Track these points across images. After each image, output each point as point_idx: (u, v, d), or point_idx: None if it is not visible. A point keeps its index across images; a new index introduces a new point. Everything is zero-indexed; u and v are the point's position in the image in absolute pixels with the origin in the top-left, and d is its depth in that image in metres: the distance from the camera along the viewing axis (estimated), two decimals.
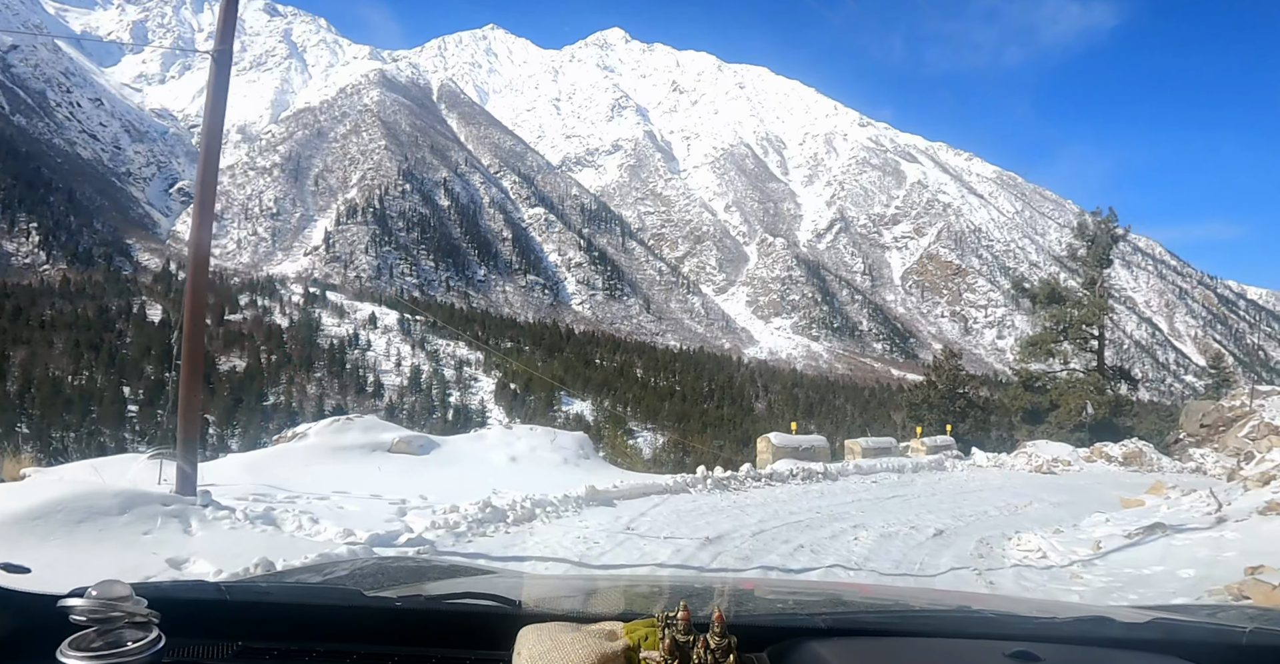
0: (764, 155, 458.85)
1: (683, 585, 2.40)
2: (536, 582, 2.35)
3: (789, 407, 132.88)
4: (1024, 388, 32.83)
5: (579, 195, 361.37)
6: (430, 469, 11.79)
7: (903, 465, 16.86)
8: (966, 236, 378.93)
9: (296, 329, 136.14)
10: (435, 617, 1.36)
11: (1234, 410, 35.12)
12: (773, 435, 17.54)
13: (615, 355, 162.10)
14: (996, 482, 15.79)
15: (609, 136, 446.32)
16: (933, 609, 1.63)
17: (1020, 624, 1.41)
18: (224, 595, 1.37)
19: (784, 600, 2.01)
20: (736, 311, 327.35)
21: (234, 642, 1.25)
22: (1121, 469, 20.02)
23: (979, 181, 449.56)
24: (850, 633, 1.31)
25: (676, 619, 1.13)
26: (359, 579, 1.94)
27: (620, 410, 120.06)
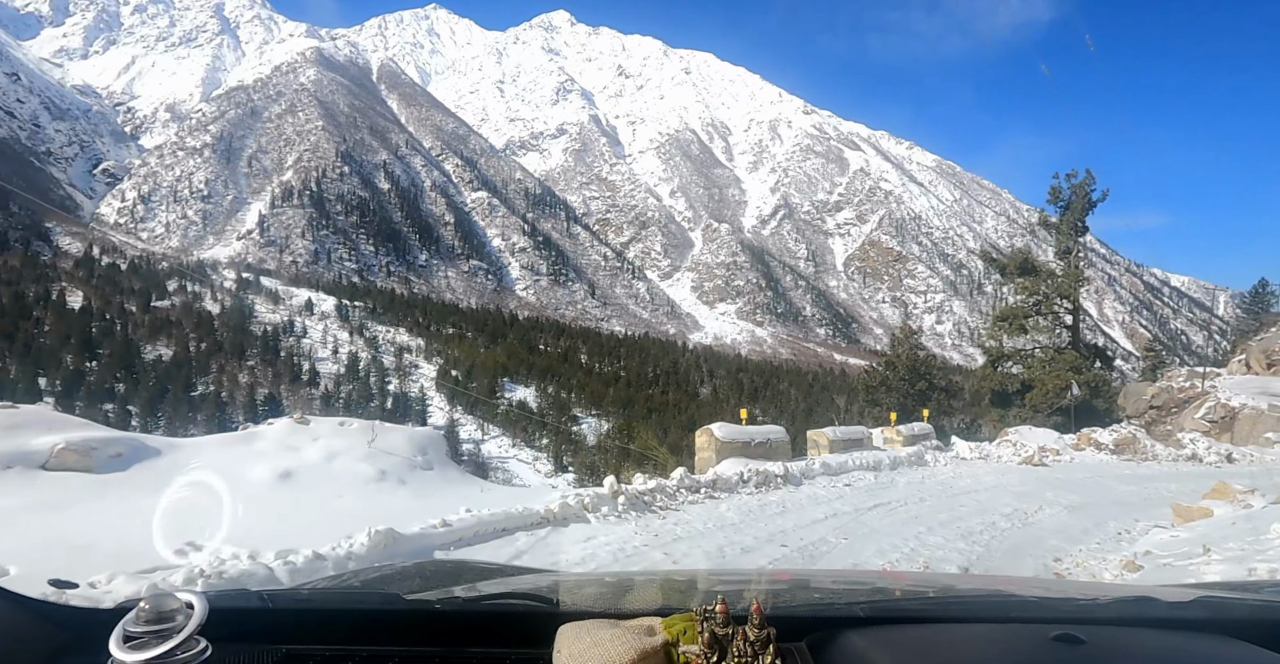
0: (709, 141, 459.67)
1: (720, 580, 2.40)
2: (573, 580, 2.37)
3: (734, 391, 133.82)
4: (993, 367, 30.60)
5: (523, 179, 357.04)
6: (108, 500, 6.85)
7: (878, 461, 14.58)
8: (907, 224, 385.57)
9: (228, 316, 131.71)
10: (474, 618, 1.37)
11: (1184, 391, 35.44)
12: (716, 428, 13.95)
13: (560, 341, 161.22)
14: (988, 478, 14.11)
15: (554, 120, 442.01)
16: (972, 594, 1.60)
17: (1061, 606, 1.39)
18: (267, 603, 1.40)
19: (822, 591, 1.99)
20: (682, 297, 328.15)
21: (278, 648, 1.28)
22: (1114, 458, 18.52)
23: (919, 170, 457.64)
24: (889, 621, 1.30)
25: (715, 612, 1.13)
26: (398, 582, 1.97)
27: (564, 396, 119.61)
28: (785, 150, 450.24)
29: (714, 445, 13.70)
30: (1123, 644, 1.21)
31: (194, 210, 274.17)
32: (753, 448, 13.70)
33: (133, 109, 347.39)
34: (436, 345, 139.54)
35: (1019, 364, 30.03)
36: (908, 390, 28.13)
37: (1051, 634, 1.14)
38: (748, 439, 13.82)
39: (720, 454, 13.43)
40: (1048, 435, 19.73)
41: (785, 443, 14.59)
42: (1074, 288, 29.04)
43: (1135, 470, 16.24)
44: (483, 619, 1.36)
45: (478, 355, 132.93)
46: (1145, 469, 16.60)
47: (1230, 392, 29.07)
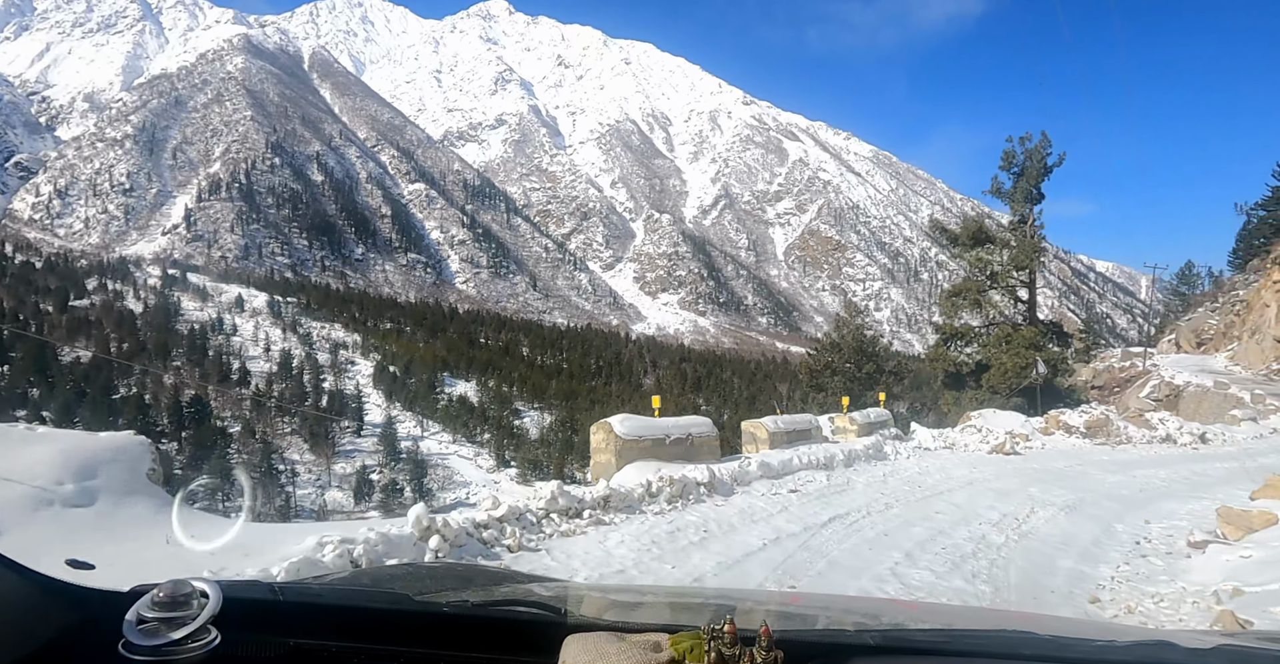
0: (650, 132, 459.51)
1: (729, 599, 2.38)
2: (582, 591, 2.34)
3: (678, 381, 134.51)
4: (945, 346, 28.50)
5: (462, 171, 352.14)
6: None
7: (830, 457, 12.20)
8: (845, 213, 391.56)
9: (152, 315, 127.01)
10: (482, 623, 1.37)
11: (1125, 371, 36.74)
12: (617, 421, 10.69)
13: (501, 334, 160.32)
14: (960, 472, 12.43)
15: (493, 110, 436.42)
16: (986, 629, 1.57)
17: (1077, 647, 1.36)
18: (278, 596, 1.41)
19: (832, 616, 1.96)
20: (624, 288, 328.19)
21: (286, 640, 1.29)
22: (1087, 442, 17.25)
23: (856, 160, 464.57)
24: (899, 651, 1.30)
25: (723, 632, 1.12)
26: (408, 583, 1.98)
27: (506, 390, 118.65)
28: (725, 141, 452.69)
29: (613, 445, 10.29)
30: None
31: (115, 205, 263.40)
32: (667, 447, 10.75)
33: (48, 99, 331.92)
34: (374, 341, 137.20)
35: (973, 343, 28.27)
36: (854, 374, 26.21)
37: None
38: (660, 435, 10.82)
39: (622, 456, 10.26)
40: (1014, 419, 18.24)
41: (712, 438, 11.81)
42: (1031, 258, 27.27)
43: (1114, 456, 15.21)
44: (490, 625, 1.36)
45: (416, 350, 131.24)
46: (1123, 454, 15.65)
47: (1173, 370, 31.20)
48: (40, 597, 1.20)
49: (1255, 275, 47.74)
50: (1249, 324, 40.89)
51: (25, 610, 1.17)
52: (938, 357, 28.55)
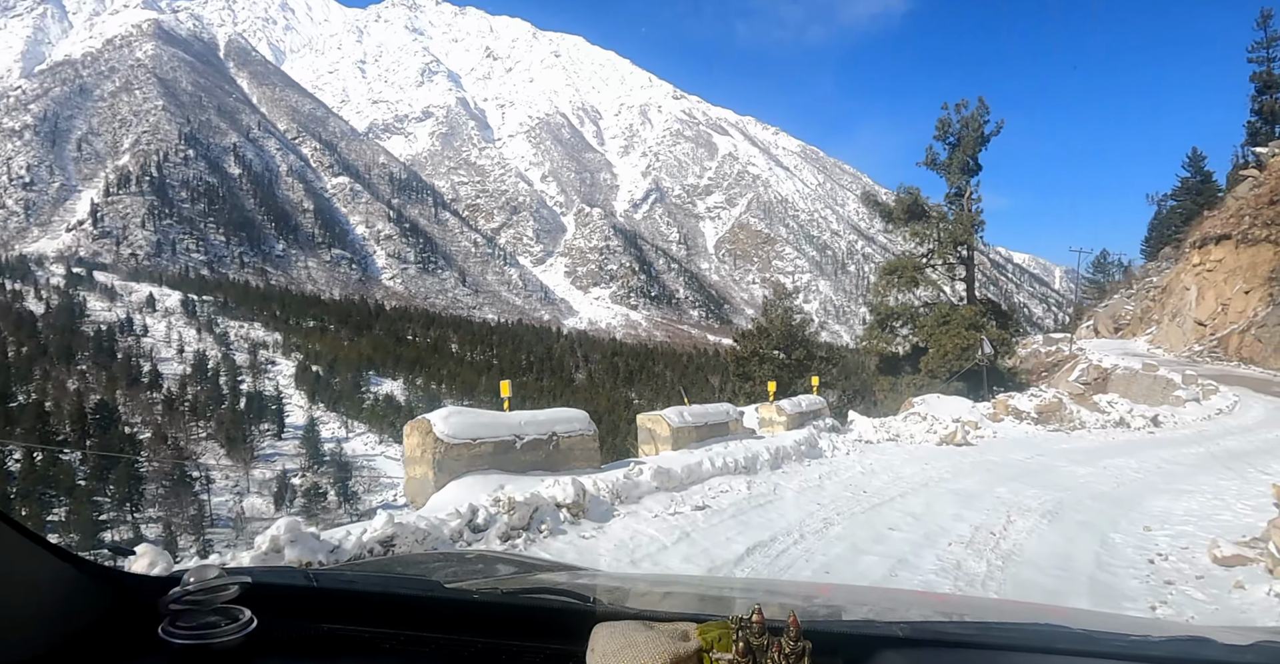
0: (580, 125, 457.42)
1: (758, 589, 2.36)
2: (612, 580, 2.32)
3: (610, 375, 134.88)
4: (881, 328, 26.86)
5: (387, 164, 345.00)
6: None
7: (753, 457, 10.06)
8: (774, 207, 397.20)
9: (55, 316, 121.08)
10: (512, 610, 1.38)
11: (1051, 355, 36.50)
12: (440, 418, 7.49)
13: (429, 331, 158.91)
14: (910, 469, 10.75)
15: (419, 102, 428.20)
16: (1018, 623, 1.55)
17: (1112, 642, 1.34)
18: (311, 582, 1.43)
19: (862, 607, 1.95)
20: (555, 282, 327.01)
21: (320, 625, 1.32)
22: (1041, 429, 16.22)
23: (785, 155, 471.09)
24: (929, 644, 1.29)
25: (751, 622, 1.12)
26: (439, 570, 2.01)
27: (435, 387, 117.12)
28: (656, 135, 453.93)
29: (432, 452, 7.12)
30: None
31: (14, 199, 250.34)
32: (519, 453, 7.79)
33: None
34: (296, 340, 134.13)
35: (910, 323, 26.71)
36: (783, 361, 24.09)
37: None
38: (507, 437, 7.75)
39: (445, 468, 7.11)
40: (961, 405, 16.62)
41: (588, 439, 8.74)
42: (970, 233, 25.88)
43: (1073, 444, 14.31)
44: (520, 612, 1.38)
45: (341, 349, 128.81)
46: (1081, 441, 14.77)
47: (1099, 354, 30.94)
48: (83, 580, 1.23)
49: (1167, 262, 50.31)
50: (1169, 308, 41.99)
51: (69, 593, 1.20)
52: (873, 339, 26.91)
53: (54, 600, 1.17)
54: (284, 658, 1.25)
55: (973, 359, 22.87)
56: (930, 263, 26.60)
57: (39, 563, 1.16)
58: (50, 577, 1.18)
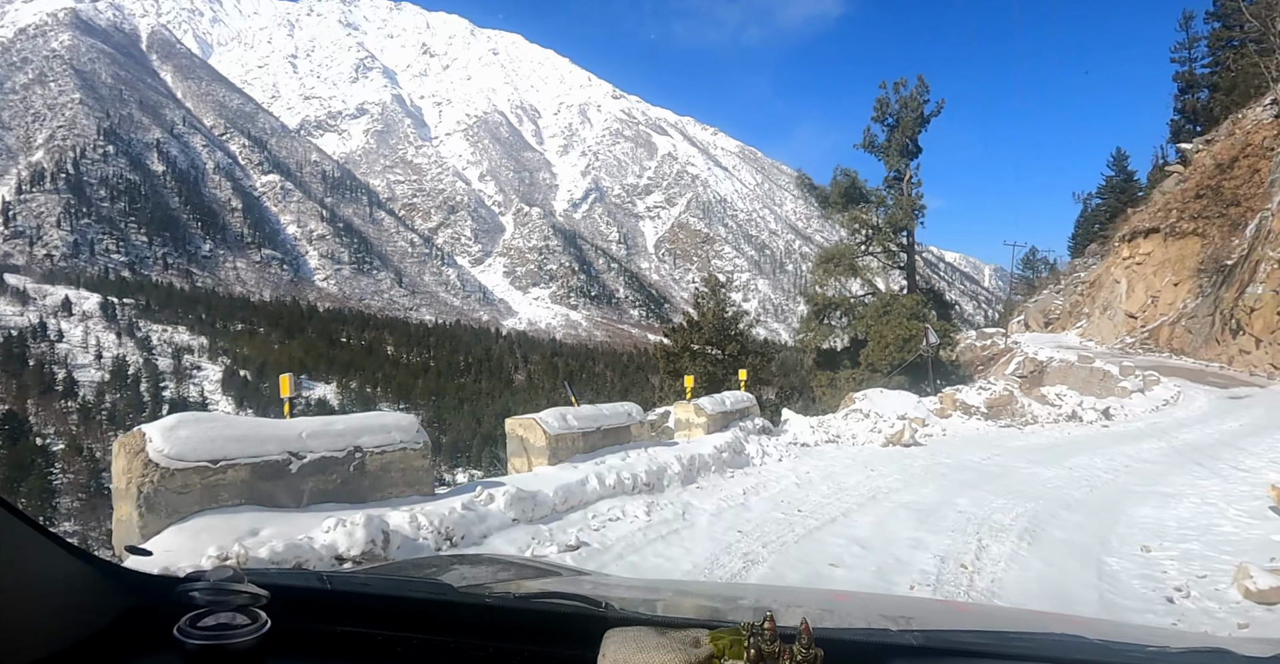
0: (519, 124, 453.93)
1: (771, 595, 2.36)
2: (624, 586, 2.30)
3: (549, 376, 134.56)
4: (818, 319, 25.58)
5: (320, 162, 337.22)
6: None
7: (659, 470, 8.19)
8: (714, 206, 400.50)
9: None
10: (524, 615, 1.39)
11: (987, 349, 36.68)
12: (160, 431, 4.80)
13: (364, 333, 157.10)
14: (853, 478, 9.33)
15: (353, 99, 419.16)
16: (1033, 632, 1.54)
17: (1129, 653, 1.33)
18: (326, 585, 1.45)
19: (875, 615, 1.92)
20: (494, 283, 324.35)
21: (334, 627, 1.33)
22: (992, 425, 15.17)
23: (724, 155, 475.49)
24: (943, 653, 1.28)
25: (763, 629, 1.11)
26: (451, 574, 2.01)
27: (369, 391, 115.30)
28: (595, 134, 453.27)
29: (139, 482, 4.61)
30: None
31: None
32: (295, 479, 5.35)
33: None
34: (223, 343, 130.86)
35: (849, 314, 25.40)
36: (717, 357, 22.31)
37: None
38: (274, 456, 5.27)
39: (157, 508, 4.66)
40: (906, 400, 15.47)
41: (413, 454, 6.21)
42: (911, 218, 24.77)
43: (1028, 441, 13.41)
44: (532, 617, 1.38)
45: (271, 352, 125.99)
46: (1036, 437, 13.88)
47: (1034, 347, 30.97)
48: (101, 581, 1.26)
49: (1093, 259, 51.39)
50: (1099, 301, 42.97)
51: (87, 594, 1.22)
52: (809, 331, 25.49)
53: (72, 600, 1.19)
54: (298, 660, 1.26)
55: (916, 350, 21.72)
56: (869, 250, 25.49)
57: (58, 562, 1.18)
58: (68, 576, 1.19)
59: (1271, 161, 31.16)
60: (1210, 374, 24.98)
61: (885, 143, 25.60)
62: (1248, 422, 14.43)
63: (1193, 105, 51.19)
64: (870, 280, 25.97)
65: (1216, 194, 35.06)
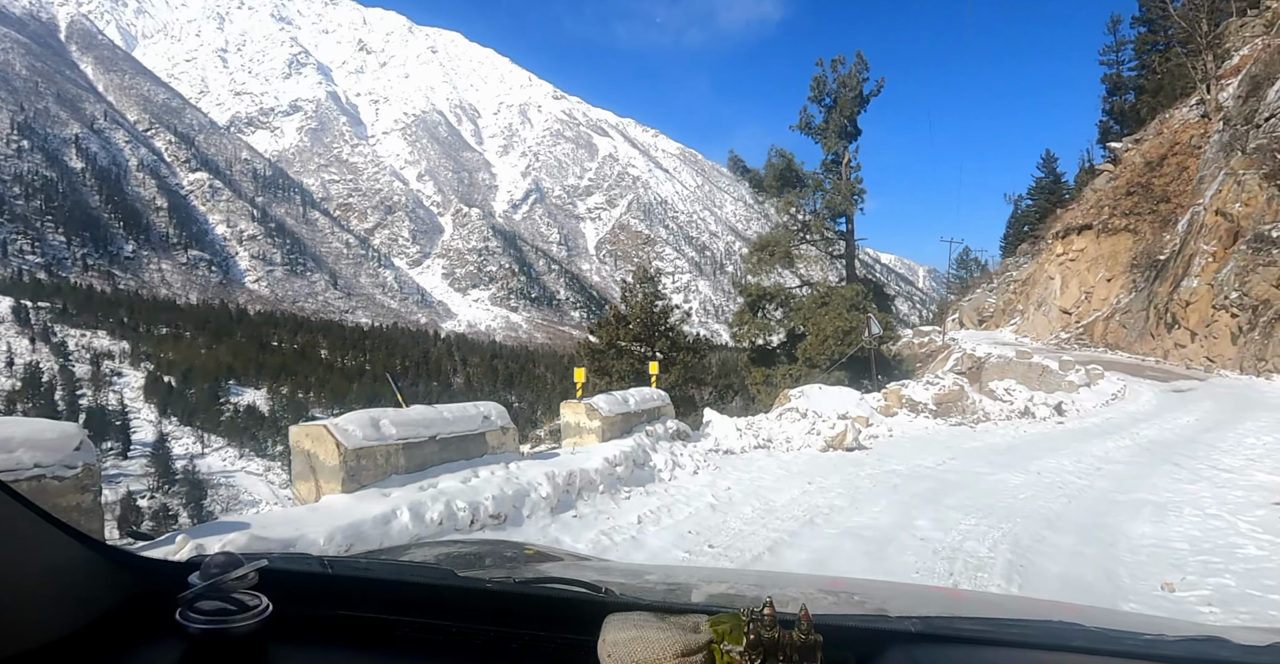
0: (458, 123, 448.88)
1: (770, 581, 2.36)
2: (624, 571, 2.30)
3: (489, 379, 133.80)
4: (753, 313, 24.18)
5: (251, 160, 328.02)
6: None
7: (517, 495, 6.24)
8: (654, 208, 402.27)
9: None
10: (524, 599, 1.40)
11: (925, 346, 37.30)
12: None
13: (297, 336, 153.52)
14: (785, 494, 7.70)
15: (286, 96, 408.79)
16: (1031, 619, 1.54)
17: (1125, 640, 1.34)
18: (327, 569, 1.46)
19: (874, 601, 1.95)
20: (433, 284, 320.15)
21: (335, 611, 1.34)
22: (941, 423, 14.05)
23: (665, 157, 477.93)
24: (942, 640, 1.29)
25: (762, 615, 1.12)
26: (452, 559, 2.03)
27: (302, 396, 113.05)
28: (535, 135, 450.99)
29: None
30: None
31: None
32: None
33: None
34: (146, 348, 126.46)
35: (785, 306, 24.15)
36: (645, 354, 20.36)
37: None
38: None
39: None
40: (847, 397, 13.94)
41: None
42: (850, 203, 23.41)
43: (984, 441, 12.27)
44: (532, 602, 1.39)
45: (198, 357, 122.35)
46: (990, 436, 12.86)
47: (972, 343, 31.55)
48: (103, 565, 1.26)
49: (1024, 258, 52.48)
50: (1034, 298, 43.31)
51: (90, 578, 1.23)
52: (744, 324, 24.00)
53: (74, 585, 1.20)
54: (299, 643, 1.26)
55: (857, 343, 20.38)
56: (807, 238, 23.99)
57: (61, 547, 1.19)
58: (71, 561, 1.20)
59: (1199, 159, 32.25)
60: (1148, 368, 24.77)
61: (823, 124, 24.16)
62: (1201, 415, 13.99)
63: (1120, 107, 52.52)
64: (807, 270, 24.62)
65: (1147, 191, 35.82)
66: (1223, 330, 23.56)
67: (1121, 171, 39.94)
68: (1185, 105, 38.14)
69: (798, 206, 23.77)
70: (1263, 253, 22.41)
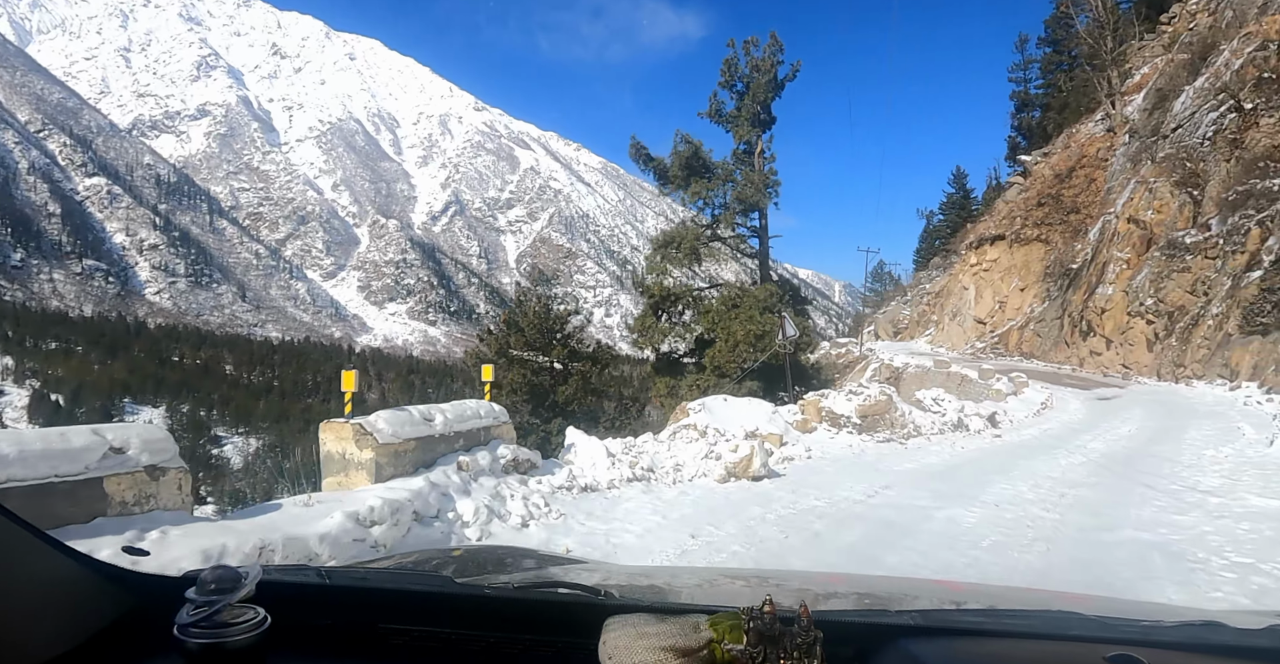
0: (376, 133, 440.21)
1: (769, 580, 2.36)
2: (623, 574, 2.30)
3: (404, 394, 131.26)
4: (655, 317, 22.07)
5: (155, 165, 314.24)
6: None
7: None
8: (576, 222, 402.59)
9: None
10: (523, 605, 1.40)
11: (843, 357, 37.16)
12: None
13: (200, 351, 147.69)
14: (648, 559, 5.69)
15: (194, 99, 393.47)
16: (1028, 609, 1.55)
17: (1122, 627, 1.34)
18: (324, 579, 1.46)
19: (873, 597, 1.97)
20: (347, 297, 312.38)
21: (332, 622, 1.34)
22: (868, 440, 12.11)
23: (586, 171, 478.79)
24: (942, 632, 1.29)
25: (762, 613, 1.12)
26: (450, 567, 2.04)
27: (203, 415, 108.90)
28: (456, 146, 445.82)
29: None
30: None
31: None
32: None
33: None
34: (32, 364, 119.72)
35: (693, 309, 22.05)
36: (541, 364, 17.75)
37: (1107, 654, 1.13)
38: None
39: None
40: (757, 411, 11.76)
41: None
42: (763, 195, 21.31)
43: (918, 460, 10.47)
44: (531, 606, 1.40)
45: (90, 373, 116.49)
46: (924, 454, 11.03)
47: (889, 353, 31.98)
48: (98, 582, 1.26)
49: (937, 271, 53.83)
50: (948, 308, 43.87)
51: (85, 596, 1.23)
52: (646, 329, 21.91)
53: (71, 602, 1.20)
54: (298, 654, 1.26)
55: (771, 347, 18.39)
56: (717, 234, 22.11)
57: (55, 565, 1.19)
58: (66, 578, 1.20)
59: (1107, 171, 33.17)
60: (1065, 376, 24.52)
61: (734, 111, 22.39)
62: (1139, 424, 13.16)
63: (1028, 123, 53.80)
64: (718, 270, 23.28)
65: (1057, 202, 36.61)
66: (1138, 337, 23.62)
67: (1032, 184, 41.10)
68: (1090, 120, 39.63)
69: (706, 199, 21.81)
70: (1176, 259, 22.59)
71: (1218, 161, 23.27)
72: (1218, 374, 18.87)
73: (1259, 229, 19.88)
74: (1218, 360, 19.14)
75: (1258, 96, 22.42)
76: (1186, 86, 27.63)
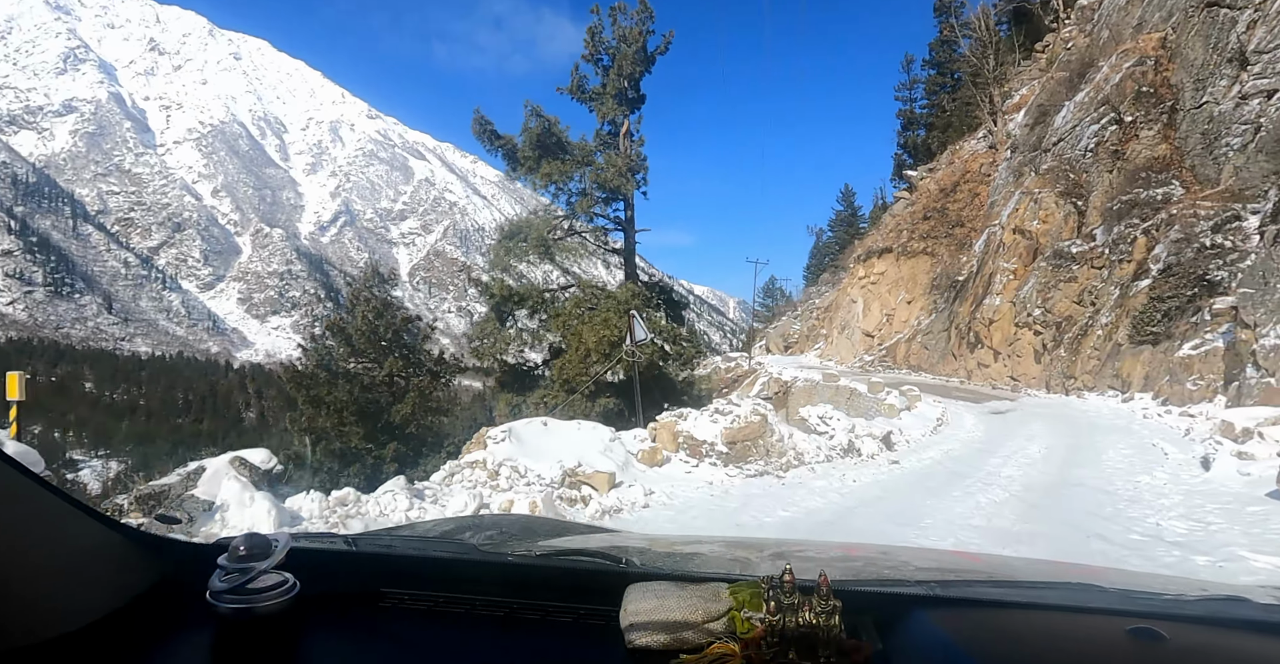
0: (261, 137, 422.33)
1: (789, 550, 2.35)
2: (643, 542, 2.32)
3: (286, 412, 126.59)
4: (500, 320, 19.22)
5: (11, 163, 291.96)
6: None
7: None
8: (471, 235, 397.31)
9: None
10: (546, 572, 1.42)
11: (732, 371, 34.98)
12: None
13: (56, 367, 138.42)
14: None
15: (60, 93, 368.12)
16: (1048, 581, 1.56)
17: (1144, 601, 1.33)
18: (352, 546, 1.49)
19: (893, 567, 1.97)
20: (227, 310, 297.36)
21: (360, 588, 1.36)
22: (736, 473, 9.74)
23: (483, 184, 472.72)
24: (960, 603, 1.30)
25: (782, 582, 1.13)
26: (475, 535, 2.06)
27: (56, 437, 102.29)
28: (347, 154, 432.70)
29: None
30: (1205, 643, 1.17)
31: None
32: None
33: None
34: None
35: (543, 311, 19.23)
36: (373, 378, 15.12)
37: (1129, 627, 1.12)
38: None
39: None
40: (587, 438, 9.44)
41: None
42: (629, 180, 18.64)
43: (799, 503, 8.09)
44: (553, 574, 1.42)
45: None
46: (806, 492, 8.69)
47: (778, 367, 30.09)
48: (133, 550, 1.29)
49: (827, 286, 54.73)
50: (838, 321, 43.73)
51: (120, 563, 1.25)
52: (488, 336, 18.96)
53: (105, 569, 1.22)
54: (326, 621, 1.29)
55: (617, 354, 15.77)
56: (573, 228, 19.77)
57: (95, 533, 1.21)
58: (101, 546, 1.22)
59: (990, 185, 34.09)
60: (955, 389, 24.19)
61: (599, 87, 19.84)
62: (1047, 443, 11.91)
63: (914, 141, 55.10)
64: (579, 269, 20.76)
65: (942, 216, 37.23)
66: (1026, 348, 23.65)
67: (917, 198, 41.74)
68: (973, 138, 40.81)
69: (560, 184, 18.89)
70: (1063, 269, 22.82)
71: (1100, 173, 23.86)
72: (1108, 385, 18.56)
73: (1145, 238, 20.07)
74: (1108, 371, 18.86)
75: (1137, 110, 23.18)
76: (1067, 101, 28.34)
